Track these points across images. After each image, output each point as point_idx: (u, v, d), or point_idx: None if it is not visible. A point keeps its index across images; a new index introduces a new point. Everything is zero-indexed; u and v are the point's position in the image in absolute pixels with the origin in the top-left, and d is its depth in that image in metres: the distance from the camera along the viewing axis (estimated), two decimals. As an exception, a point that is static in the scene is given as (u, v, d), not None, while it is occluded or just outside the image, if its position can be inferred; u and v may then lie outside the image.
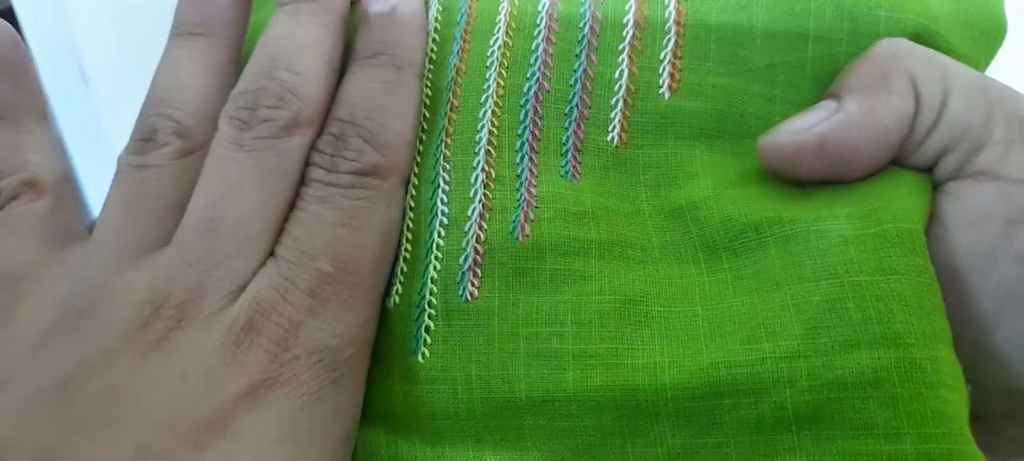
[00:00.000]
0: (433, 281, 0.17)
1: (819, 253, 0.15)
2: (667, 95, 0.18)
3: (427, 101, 0.18)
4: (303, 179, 0.17)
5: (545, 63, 0.18)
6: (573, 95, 0.18)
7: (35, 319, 0.15)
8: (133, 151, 0.17)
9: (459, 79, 0.18)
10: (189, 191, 0.16)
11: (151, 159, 0.17)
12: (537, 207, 0.17)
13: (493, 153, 0.17)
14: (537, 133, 0.18)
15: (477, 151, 0.17)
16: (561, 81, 0.18)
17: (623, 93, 0.18)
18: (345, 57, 0.19)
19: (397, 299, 0.17)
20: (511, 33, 0.18)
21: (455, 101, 0.18)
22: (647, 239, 0.17)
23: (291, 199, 0.17)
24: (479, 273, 0.16)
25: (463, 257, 0.17)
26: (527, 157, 0.17)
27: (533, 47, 0.18)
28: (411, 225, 0.17)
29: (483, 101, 0.18)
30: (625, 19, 0.18)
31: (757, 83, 0.18)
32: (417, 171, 0.18)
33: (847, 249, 0.15)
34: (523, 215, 0.17)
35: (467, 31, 0.19)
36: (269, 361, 0.15)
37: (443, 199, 0.17)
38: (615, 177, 0.17)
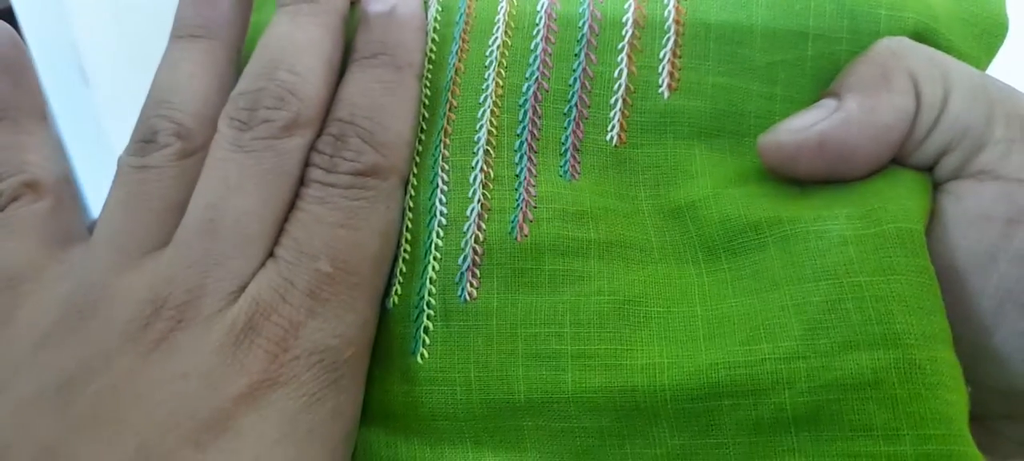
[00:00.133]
0: (432, 281, 0.17)
1: (818, 253, 0.15)
2: (666, 94, 0.18)
3: (426, 101, 0.18)
4: (303, 179, 0.17)
5: (544, 63, 0.18)
6: (572, 94, 0.18)
7: (36, 319, 0.15)
8: (133, 152, 0.17)
9: (458, 79, 0.18)
10: (189, 192, 0.16)
11: (151, 160, 0.17)
12: (536, 207, 0.17)
13: (492, 153, 0.17)
14: (536, 133, 0.17)
15: (476, 151, 0.17)
16: (560, 81, 0.18)
17: (622, 92, 0.18)
18: (345, 57, 0.19)
19: (396, 299, 0.17)
20: (510, 33, 0.18)
21: (454, 101, 0.18)
22: (646, 239, 0.17)
23: (291, 199, 0.17)
24: (478, 273, 0.16)
25: (462, 257, 0.17)
26: (526, 157, 0.17)
27: (532, 47, 0.18)
28: (410, 225, 0.17)
29: (482, 101, 0.18)
30: (624, 18, 0.18)
31: (757, 82, 0.18)
32: (416, 171, 0.18)
33: (847, 249, 0.15)
34: (522, 215, 0.17)
35: (466, 31, 0.19)
36: (269, 361, 0.15)
37: (442, 199, 0.17)
38: (614, 177, 0.17)
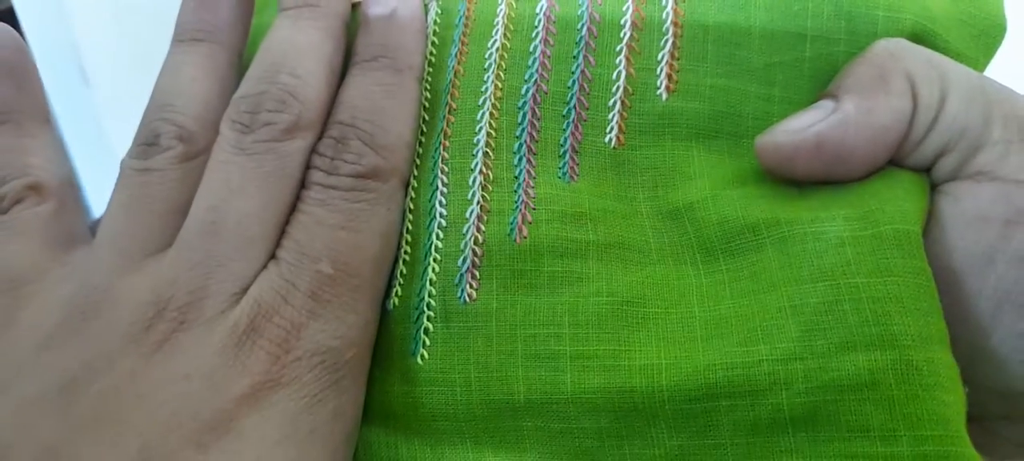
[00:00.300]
0: (432, 283, 0.17)
1: (816, 255, 0.15)
2: (664, 96, 0.18)
3: (426, 103, 0.18)
4: (304, 182, 0.17)
5: (543, 65, 0.18)
6: (571, 96, 0.18)
7: (39, 321, 0.15)
8: (136, 155, 0.17)
9: (457, 81, 0.18)
10: (191, 195, 0.17)
11: (154, 163, 0.17)
12: (535, 209, 0.17)
13: (491, 155, 0.17)
14: (535, 135, 0.18)
15: (475, 153, 0.17)
16: (559, 83, 0.18)
17: (620, 94, 0.18)
18: (345, 60, 0.19)
19: (396, 301, 0.17)
20: (509, 35, 0.18)
21: (453, 103, 0.18)
22: (644, 240, 0.17)
23: (292, 202, 0.17)
24: (477, 275, 0.16)
25: (461, 259, 0.17)
26: (525, 159, 0.17)
27: (531, 49, 0.18)
28: (410, 227, 0.17)
29: (481, 103, 0.18)
30: (623, 20, 0.18)
31: (755, 83, 0.18)
32: (416, 173, 0.18)
33: (844, 251, 0.15)
34: (521, 217, 0.17)
35: (465, 33, 0.19)
36: (271, 363, 0.15)
37: (441, 201, 0.17)
38: (613, 178, 0.17)
